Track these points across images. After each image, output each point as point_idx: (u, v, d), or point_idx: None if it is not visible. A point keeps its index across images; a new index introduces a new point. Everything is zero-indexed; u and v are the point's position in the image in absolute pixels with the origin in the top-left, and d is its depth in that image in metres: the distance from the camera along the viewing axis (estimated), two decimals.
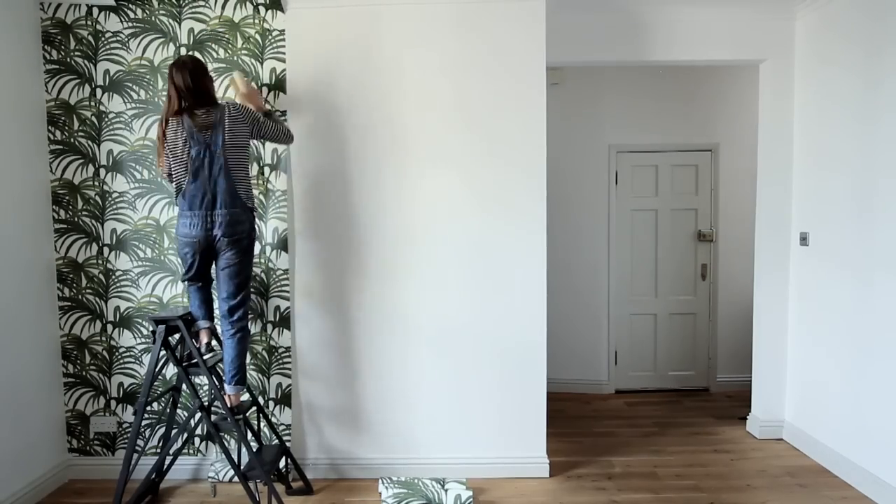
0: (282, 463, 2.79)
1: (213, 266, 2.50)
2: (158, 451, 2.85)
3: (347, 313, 2.91)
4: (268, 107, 2.79)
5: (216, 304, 2.59)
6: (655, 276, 4.33)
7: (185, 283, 2.55)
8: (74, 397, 2.97)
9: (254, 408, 2.74)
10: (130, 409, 2.96)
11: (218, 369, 2.67)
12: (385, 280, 2.89)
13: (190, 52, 2.81)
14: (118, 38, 2.86)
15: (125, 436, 2.97)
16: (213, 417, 2.58)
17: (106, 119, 2.88)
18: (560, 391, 4.29)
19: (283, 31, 2.84)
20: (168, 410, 2.77)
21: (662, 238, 4.32)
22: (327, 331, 2.92)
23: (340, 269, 2.90)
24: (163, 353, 2.53)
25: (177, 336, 2.62)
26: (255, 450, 2.57)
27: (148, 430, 2.90)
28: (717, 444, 3.34)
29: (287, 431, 2.91)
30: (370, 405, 2.93)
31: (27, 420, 2.70)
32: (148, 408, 2.92)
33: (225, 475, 2.87)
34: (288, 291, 2.90)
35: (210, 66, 2.84)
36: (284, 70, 2.85)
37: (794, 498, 2.69)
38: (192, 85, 2.33)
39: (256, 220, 2.65)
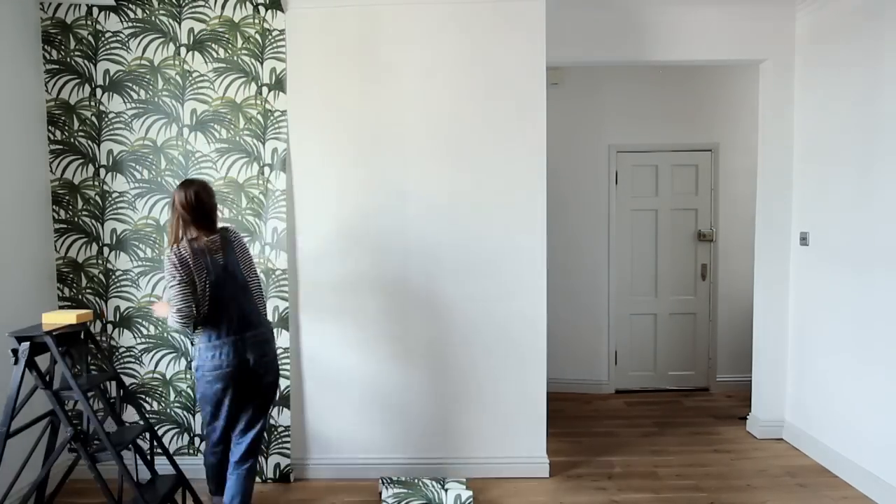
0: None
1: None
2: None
3: (347, 314, 2.91)
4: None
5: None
6: (655, 276, 4.33)
7: (212, 443, 2.25)
8: None
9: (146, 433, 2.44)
10: (131, 409, 2.96)
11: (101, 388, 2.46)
12: (384, 279, 2.89)
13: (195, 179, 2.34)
14: (118, 38, 2.86)
15: None
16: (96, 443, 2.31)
17: (106, 119, 2.88)
18: (560, 391, 4.29)
19: (283, 30, 2.84)
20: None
21: (662, 238, 4.32)
22: (326, 331, 2.91)
23: (339, 269, 2.90)
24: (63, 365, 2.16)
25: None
26: (149, 479, 2.40)
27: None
28: (717, 444, 3.34)
29: (286, 434, 2.91)
30: (370, 405, 2.93)
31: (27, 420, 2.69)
32: (147, 405, 2.93)
33: None
34: (287, 292, 2.90)
35: (210, 66, 2.85)
36: (284, 70, 2.85)
37: (794, 498, 2.69)
38: (204, 208, 2.14)
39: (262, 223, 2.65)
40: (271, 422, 2.89)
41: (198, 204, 2.12)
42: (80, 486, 2.89)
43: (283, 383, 2.90)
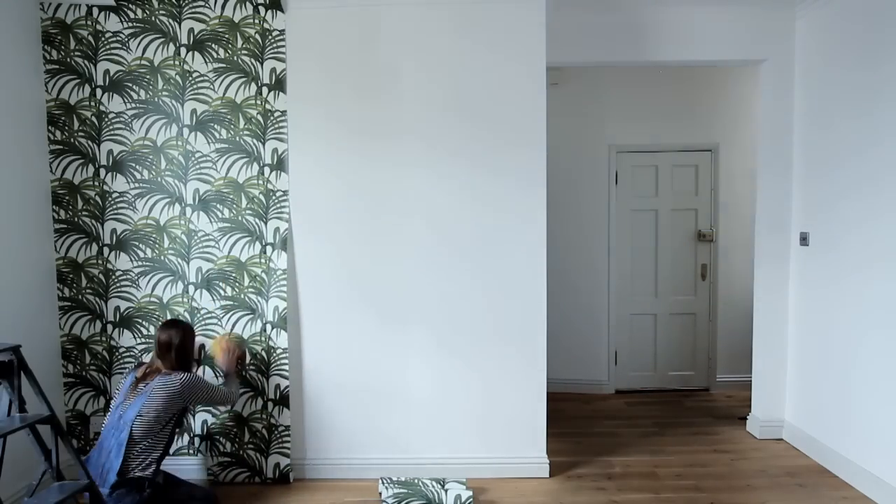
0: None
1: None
2: None
3: (347, 313, 2.91)
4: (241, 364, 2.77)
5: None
6: (655, 276, 4.33)
7: None
8: (74, 397, 2.96)
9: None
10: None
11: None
12: (386, 279, 2.89)
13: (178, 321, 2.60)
14: (118, 38, 2.86)
15: None
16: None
17: (106, 119, 2.88)
18: (560, 391, 4.29)
19: (283, 31, 2.84)
20: None
21: (662, 238, 4.32)
22: (326, 331, 2.91)
23: (340, 268, 2.90)
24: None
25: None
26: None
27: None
28: (717, 444, 3.34)
29: (286, 433, 2.91)
30: (370, 405, 2.93)
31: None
32: None
33: (224, 476, 2.87)
34: (286, 292, 2.90)
35: (210, 67, 2.85)
36: (284, 70, 2.85)
37: (794, 498, 2.69)
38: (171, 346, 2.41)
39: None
40: (272, 421, 2.90)
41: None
42: None
43: (282, 383, 2.90)
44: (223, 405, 2.63)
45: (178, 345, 2.42)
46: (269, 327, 2.90)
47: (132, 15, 2.85)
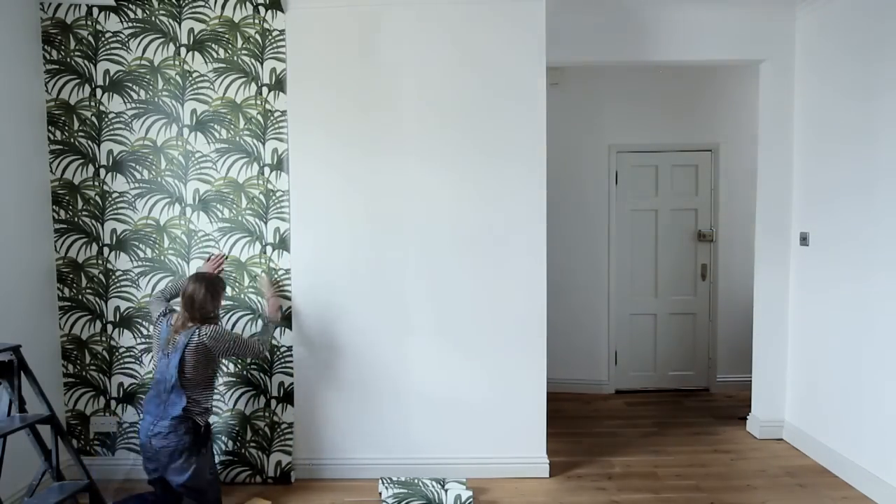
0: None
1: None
2: None
3: (348, 313, 2.91)
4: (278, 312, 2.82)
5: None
6: (655, 276, 4.33)
7: None
8: (74, 397, 2.96)
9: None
10: (131, 409, 2.96)
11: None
12: (385, 279, 2.89)
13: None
14: (118, 38, 2.85)
15: (125, 436, 2.97)
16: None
17: (106, 119, 2.88)
18: (560, 391, 4.29)
19: (283, 31, 2.84)
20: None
21: (662, 238, 4.32)
22: (328, 330, 2.92)
23: (340, 268, 2.90)
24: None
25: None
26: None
27: None
28: (717, 444, 3.34)
29: (289, 431, 2.91)
30: (371, 405, 2.93)
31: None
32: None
33: (226, 475, 2.87)
34: (290, 291, 2.90)
35: (210, 67, 2.85)
36: (284, 70, 2.85)
37: (794, 498, 2.69)
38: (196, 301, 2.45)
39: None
40: (274, 419, 2.90)
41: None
42: None
43: (286, 381, 2.91)
44: (252, 356, 2.61)
45: (202, 299, 2.45)
46: (271, 326, 2.89)
47: (132, 15, 2.84)
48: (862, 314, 2.76)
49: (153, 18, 2.84)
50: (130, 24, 2.85)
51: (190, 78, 2.86)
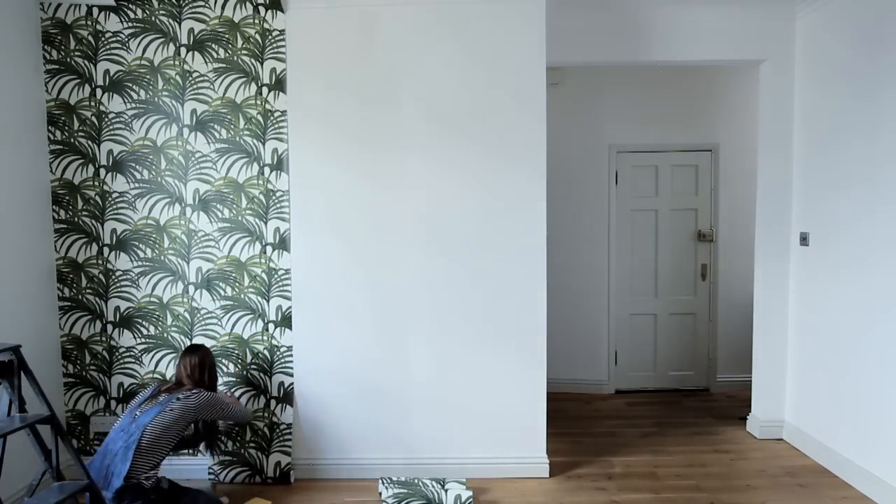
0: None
1: None
2: None
3: (348, 313, 2.91)
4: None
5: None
6: (655, 276, 4.33)
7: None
8: (74, 397, 2.96)
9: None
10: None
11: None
12: (386, 279, 2.89)
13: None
14: (118, 38, 2.86)
15: None
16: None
17: (106, 119, 2.88)
18: (560, 391, 4.29)
19: (283, 31, 2.84)
20: None
21: (662, 238, 4.32)
22: (328, 330, 2.92)
23: (340, 269, 2.90)
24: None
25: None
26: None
27: None
28: (717, 444, 3.34)
29: (288, 431, 2.91)
30: (371, 405, 2.93)
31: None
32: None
33: (225, 475, 2.87)
34: (289, 291, 2.90)
35: (210, 67, 2.85)
36: (284, 70, 2.85)
37: (794, 498, 2.69)
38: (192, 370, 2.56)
39: None
40: (273, 419, 2.90)
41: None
42: None
43: (286, 381, 2.91)
44: (237, 423, 2.79)
45: (201, 365, 2.57)
46: (271, 326, 2.90)
47: (132, 15, 2.84)
48: (862, 314, 2.76)
49: (153, 18, 2.84)
50: (130, 24, 2.85)
51: (190, 78, 2.86)
